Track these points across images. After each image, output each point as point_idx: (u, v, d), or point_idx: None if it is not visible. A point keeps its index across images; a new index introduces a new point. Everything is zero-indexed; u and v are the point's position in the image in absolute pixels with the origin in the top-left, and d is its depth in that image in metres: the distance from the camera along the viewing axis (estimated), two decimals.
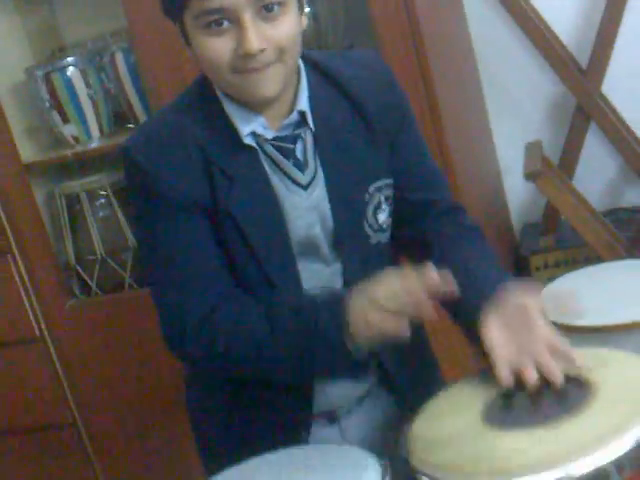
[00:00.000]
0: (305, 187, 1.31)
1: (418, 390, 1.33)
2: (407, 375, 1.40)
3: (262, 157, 1.30)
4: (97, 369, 2.46)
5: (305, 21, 1.29)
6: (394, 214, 1.39)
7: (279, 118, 1.29)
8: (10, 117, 2.37)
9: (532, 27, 2.42)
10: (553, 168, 2.28)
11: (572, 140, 2.45)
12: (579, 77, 2.41)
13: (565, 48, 2.44)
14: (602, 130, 2.44)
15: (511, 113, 2.54)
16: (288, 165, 1.30)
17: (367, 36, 2.14)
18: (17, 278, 2.43)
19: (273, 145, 1.30)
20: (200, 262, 1.30)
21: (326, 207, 1.33)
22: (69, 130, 2.42)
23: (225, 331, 1.28)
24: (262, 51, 1.20)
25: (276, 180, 1.31)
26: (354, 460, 1.16)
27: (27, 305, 2.45)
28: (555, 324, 1.48)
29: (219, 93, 1.30)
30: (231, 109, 1.29)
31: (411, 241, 1.43)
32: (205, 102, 1.31)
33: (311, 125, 1.31)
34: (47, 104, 2.40)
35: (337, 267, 1.36)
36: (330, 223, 1.33)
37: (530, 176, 2.15)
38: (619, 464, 1.02)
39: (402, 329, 1.17)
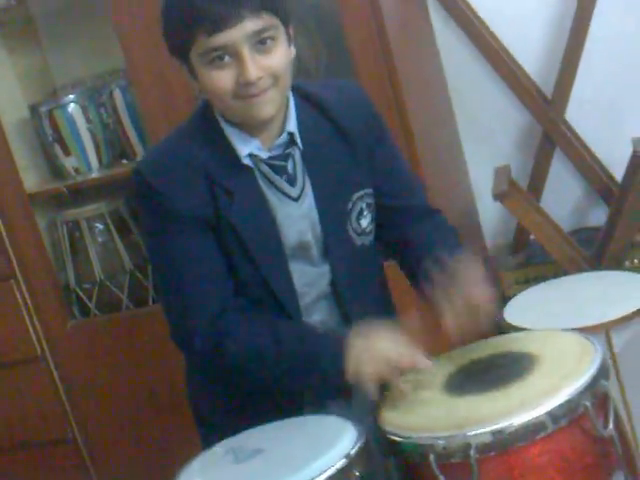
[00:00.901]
0: (296, 199, 1.56)
1: None
2: None
3: (258, 174, 1.54)
4: (96, 386, 2.66)
5: (294, 51, 1.53)
6: (378, 220, 1.63)
7: (271, 139, 1.54)
8: (15, 150, 2.60)
9: (499, 61, 2.68)
10: (519, 189, 2.52)
11: (539, 165, 2.71)
12: (544, 106, 2.67)
13: (530, 79, 2.70)
14: (567, 155, 2.70)
15: (482, 141, 2.80)
16: (280, 181, 1.54)
17: (346, 71, 2.39)
18: (20, 301, 2.64)
19: (267, 164, 1.53)
20: (205, 267, 1.53)
21: (315, 215, 1.57)
22: (70, 162, 2.65)
23: (234, 339, 1.49)
24: (259, 79, 1.44)
25: (270, 194, 1.54)
26: (334, 425, 1.39)
27: (29, 326, 2.65)
28: None
29: (219, 119, 1.53)
30: (230, 133, 1.52)
31: (394, 244, 1.67)
32: (207, 127, 1.54)
33: (299, 144, 1.55)
34: (50, 138, 2.63)
35: (325, 268, 1.59)
36: (319, 229, 1.57)
37: (498, 196, 2.39)
38: (554, 416, 1.25)
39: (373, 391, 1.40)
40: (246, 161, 1.53)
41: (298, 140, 1.55)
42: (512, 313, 2.01)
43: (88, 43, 2.75)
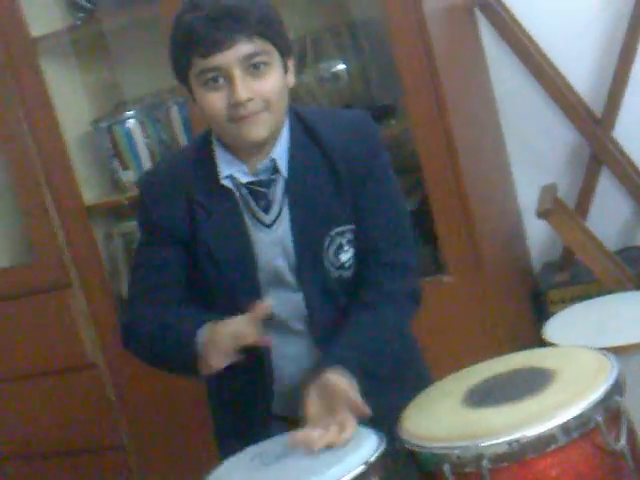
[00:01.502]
0: (268, 225, 1.62)
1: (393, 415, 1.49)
2: (383, 403, 1.53)
3: (239, 197, 1.61)
4: (147, 394, 2.77)
5: (292, 80, 1.60)
6: None
7: (257, 164, 1.61)
8: (75, 164, 2.74)
9: (549, 81, 2.71)
10: (565, 207, 2.55)
11: (586, 183, 2.73)
12: (592, 125, 2.70)
13: (580, 98, 2.73)
14: (614, 174, 2.71)
15: (531, 160, 2.83)
16: (254, 206, 1.61)
17: (395, 89, 2.45)
18: (76, 309, 2.78)
19: (248, 188, 1.61)
20: (159, 277, 1.65)
21: (289, 243, 1.62)
22: (127, 176, 2.77)
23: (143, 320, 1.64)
24: (250, 100, 1.51)
25: (247, 218, 1.62)
26: (357, 433, 1.44)
27: (85, 334, 2.79)
28: None
29: (214, 141, 1.62)
30: (219, 155, 1.61)
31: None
32: (201, 148, 1.65)
33: (283, 171, 1.61)
34: (109, 152, 2.76)
35: (301, 295, 1.65)
36: (293, 257, 1.62)
37: (541, 214, 2.43)
38: (565, 429, 1.29)
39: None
40: (225, 182, 1.60)
41: (281, 168, 1.60)
42: (551, 330, 2.04)
43: (154, 60, 2.86)
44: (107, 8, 2.72)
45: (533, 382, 1.41)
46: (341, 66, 2.57)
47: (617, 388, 1.35)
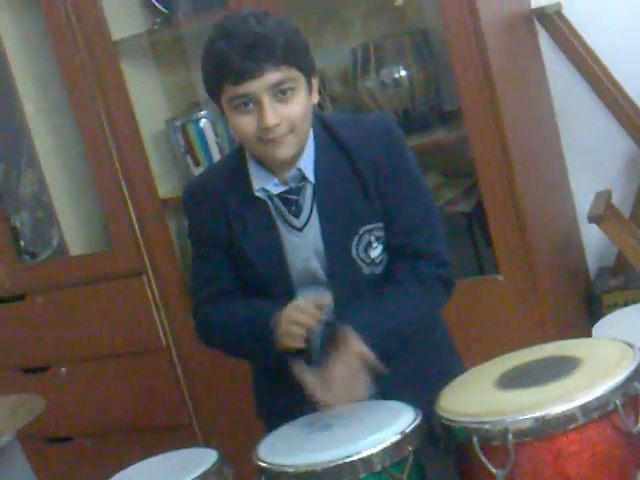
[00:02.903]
0: (300, 229, 1.78)
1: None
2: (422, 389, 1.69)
3: (271, 206, 1.78)
4: (213, 376, 2.96)
5: (316, 97, 1.74)
6: None
7: (286, 174, 1.76)
8: (151, 160, 2.93)
9: (606, 91, 2.82)
10: (617, 213, 2.66)
11: None
12: None
13: (637, 109, 2.83)
14: None
15: (589, 168, 2.95)
16: (286, 212, 1.77)
17: (456, 96, 2.57)
18: (150, 296, 2.98)
19: (280, 197, 1.76)
20: (217, 286, 1.85)
21: (320, 244, 1.77)
22: (199, 172, 2.96)
23: (216, 317, 1.84)
24: (277, 125, 1.65)
25: (280, 224, 1.78)
26: (397, 408, 1.62)
27: (157, 319, 2.99)
28: None
29: (247, 155, 1.79)
30: (252, 168, 1.78)
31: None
32: (236, 162, 1.81)
33: (310, 179, 1.75)
34: (182, 149, 2.96)
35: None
36: (324, 257, 1.77)
37: (593, 219, 2.55)
38: (585, 410, 1.43)
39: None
40: (258, 194, 1.76)
41: (308, 175, 1.75)
42: (598, 329, 2.16)
43: None
44: (183, 13, 2.90)
45: (560, 368, 1.55)
46: (403, 72, 2.71)
47: (637, 376, 1.47)
